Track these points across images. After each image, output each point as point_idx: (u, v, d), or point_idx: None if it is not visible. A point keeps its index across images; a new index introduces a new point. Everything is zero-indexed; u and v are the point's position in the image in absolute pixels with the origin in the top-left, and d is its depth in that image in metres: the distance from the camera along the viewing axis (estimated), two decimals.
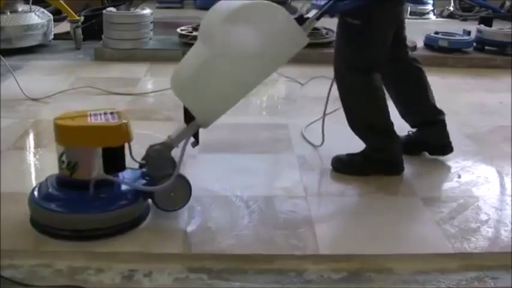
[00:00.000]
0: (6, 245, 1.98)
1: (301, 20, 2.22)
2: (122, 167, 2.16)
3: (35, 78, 4.04)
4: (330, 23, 4.69)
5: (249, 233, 2.16)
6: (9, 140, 2.91)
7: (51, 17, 5.04)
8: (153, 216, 2.27)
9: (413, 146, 2.79)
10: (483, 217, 2.30)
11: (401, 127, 2.73)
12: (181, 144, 2.21)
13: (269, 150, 2.89)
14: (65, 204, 2.08)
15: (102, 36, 4.72)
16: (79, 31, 4.93)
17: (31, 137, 3.05)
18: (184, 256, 2.00)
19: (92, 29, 5.06)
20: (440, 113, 2.76)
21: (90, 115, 2.13)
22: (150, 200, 2.22)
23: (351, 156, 2.66)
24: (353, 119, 2.60)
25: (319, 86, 3.91)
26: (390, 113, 2.59)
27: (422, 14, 6.90)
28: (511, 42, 4.68)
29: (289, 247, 2.06)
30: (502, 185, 2.62)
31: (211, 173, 2.75)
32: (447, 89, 3.80)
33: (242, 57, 2.08)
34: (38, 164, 2.74)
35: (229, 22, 2.08)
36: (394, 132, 2.61)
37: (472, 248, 2.08)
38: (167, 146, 2.22)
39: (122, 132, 2.11)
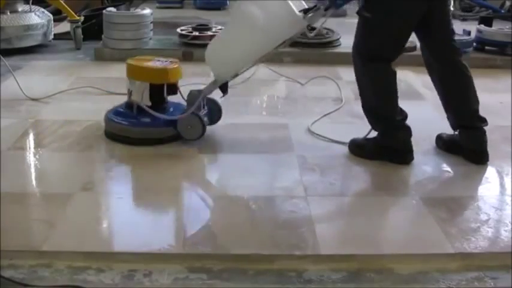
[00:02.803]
0: (6, 245, 1.98)
1: (308, 9, 2.60)
2: (162, 100, 2.95)
3: (35, 78, 4.03)
4: (331, 23, 4.70)
5: (249, 233, 2.16)
6: (9, 140, 2.90)
7: (51, 17, 5.03)
8: (153, 216, 2.27)
9: (452, 147, 2.83)
10: (483, 217, 2.30)
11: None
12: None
13: (269, 150, 2.89)
14: (120, 117, 2.92)
15: (102, 36, 4.72)
16: (79, 31, 4.93)
17: (31, 137, 3.05)
18: (184, 256, 2.00)
19: (92, 29, 5.06)
20: (481, 120, 2.77)
21: (154, 60, 2.97)
22: None
23: (365, 140, 2.82)
24: (362, 101, 2.79)
25: (319, 86, 3.92)
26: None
27: None
28: (511, 42, 4.68)
29: (289, 247, 2.06)
30: (502, 185, 2.62)
31: (211, 172, 2.76)
32: None
33: (249, 29, 2.66)
34: (38, 164, 2.74)
35: (243, 4, 2.72)
36: (400, 121, 2.70)
37: (472, 248, 2.08)
38: (200, 92, 2.89)
39: (162, 75, 2.91)
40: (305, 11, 2.59)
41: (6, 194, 2.34)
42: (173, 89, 2.95)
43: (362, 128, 3.07)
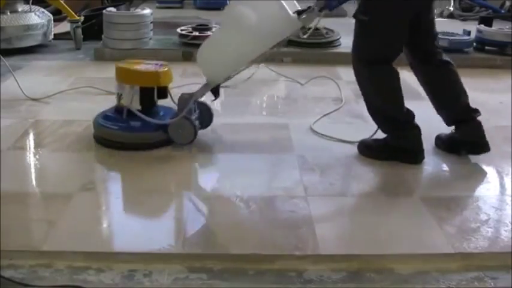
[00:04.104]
0: (6, 245, 1.98)
1: (302, 11, 2.58)
2: (152, 103, 2.89)
3: (35, 78, 4.03)
4: (331, 23, 4.70)
5: (249, 233, 2.16)
6: (9, 140, 2.91)
7: (51, 17, 5.03)
8: (153, 216, 2.27)
9: (451, 145, 2.83)
10: (483, 217, 2.29)
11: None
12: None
13: (269, 150, 2.89)
14: (109, 122, 2.85)
15: (102, 36, 4.72)
16: (79, 31, 4.93)
17: (31, 137, 3.05)
18: (184, 256, 2.00)
19: (92, 29, 5.06)
20: (475, 111, 2.79)
21: (143, 64, 2.91)
22: None
23: (374, 141, 2.81)
24: (367, 105, 2.78)
25: (319, 86, 3.92)
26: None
27: None
28: (511, 42, 4.68)
29: (289, 247, 2.06)
30: (502, 185, 2.62)
31: (211, 172, 2.75)
32: None
33: (241, 30, 2.61)
34: (38, 164, 2.74)
35: (236, 4, 2.68)
36: (408, 121, 2.71)
37: (472, 248, 2.08)
38: (191, 95, 2.85)
39: (153, 78, 2.85)
40: (299, 12, 2.57)
41: (6, 194, 2.34)
42: (164, 92, 2.90)
43: (362, 128, 3.08)
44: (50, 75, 4.15)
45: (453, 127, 2.85)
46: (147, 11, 4.72)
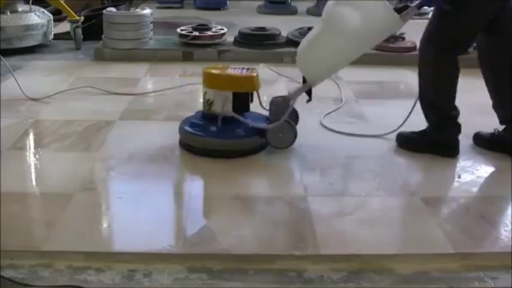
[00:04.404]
0: (6, 245, 1.98)
1: (404, 8, 2.59)
2: (247, 109, 2.83)
3: (35, 78, 4.03)
4: None
5: (249, 233, 2.16)
6: (9, 140, 2.90)
7: (51, 17, 5.03)
8: (153, 216, 2.27)
9: (496, 145, 2.84)
10: (483, 217, 2.29)
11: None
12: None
13: (269, 150, 2.88)
14: (201, 130, 2.77)
15: (102, 36, 4.72)
16: (79, 31, 4.93)
17: (31, 137, 3.05)
18: (184, 256, 2.00)
19: (92, 29, 5.05)
20: None
21: (230, 68, 2.87)
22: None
23: (412, 133, 2.87)
24: (420, 90, 2.81)
25: (319, 86, 3.91)
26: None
27: (422, 14, 6.90)
28: None
29: (289, 247, 2.06)
30: (502, 185, 2.61)
31: (211, 172, 2.75)
32: None
33: (345, 31, 2.56)
34: (38, 164, 2.74)
35: (338, 4, 2.60)
36: (454, 117, 2.76)
37: (472, 248, 2.08)
38: (285, 98, 2.82)
39: (249, 82, 2.81)
40: (398, 11, 2.57)
41: (6, 194, 2.34)
42: (252, 97, 2.86)
43: (362, 128, 3.08)
44: (50, 75, 4.15)
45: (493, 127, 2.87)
46: (147, 11, 4.72)
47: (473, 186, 2.57)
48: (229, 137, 2.75)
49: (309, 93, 2.84)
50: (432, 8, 2.82)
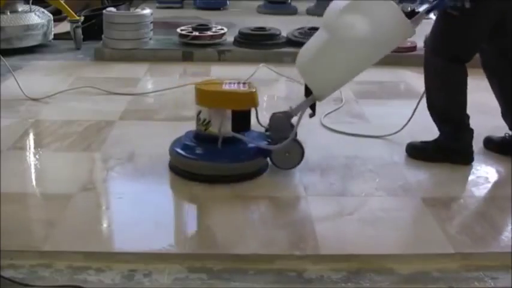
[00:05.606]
0: (6, 245, 1.98)
1: (412, 13, 2.47)
2: (247, 128, 2.57)
3: (35, 78, 4.03)
4: None
5: (249, 233, 2.16)
6: (9, 140, 2.91)
7: (51, 17, 5.03)
8: (153, 216, 2.27)
9: (506, 148, 2.83)
10: (483, 217, 2.29)
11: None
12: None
13: None
14: (198, 153, 2.51)
15: (102, 36, 4.72)
16: (79, 31, 4.93)
17: (31, 137, 3.05)
18: (184, 256, 2.00)
19: (92, 29, 5.06)
20: None
21: (225, 83, 2.56)
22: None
23: (424, 143, 2.80)
24: (428, 100, 2.74)
25: None
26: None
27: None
28: None
29: (289, 247, 2.06)
30: (502, 185, 2.62)
31: None
32: None
33: (353, 41, 2.37)
34: (38, 164, 2.74)
35: (345, 12, 2.37)
36: (465, 123, 2.71)
37: (472, 248, 2.08)
38: (287, 114, 2.59)
39: (249, 99, 2.55)
40: (410, 15, 2.44)
41: (7, 194, 2.34)
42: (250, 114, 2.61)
43: (362, 128, 3.08)
44: (50, 75, 4.15)
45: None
46: (147, 11, 4.72)
47: (473, 186, 2.57)
48: (234, 160, 2.53)
49: (312, 107, 2.61)
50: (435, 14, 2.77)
